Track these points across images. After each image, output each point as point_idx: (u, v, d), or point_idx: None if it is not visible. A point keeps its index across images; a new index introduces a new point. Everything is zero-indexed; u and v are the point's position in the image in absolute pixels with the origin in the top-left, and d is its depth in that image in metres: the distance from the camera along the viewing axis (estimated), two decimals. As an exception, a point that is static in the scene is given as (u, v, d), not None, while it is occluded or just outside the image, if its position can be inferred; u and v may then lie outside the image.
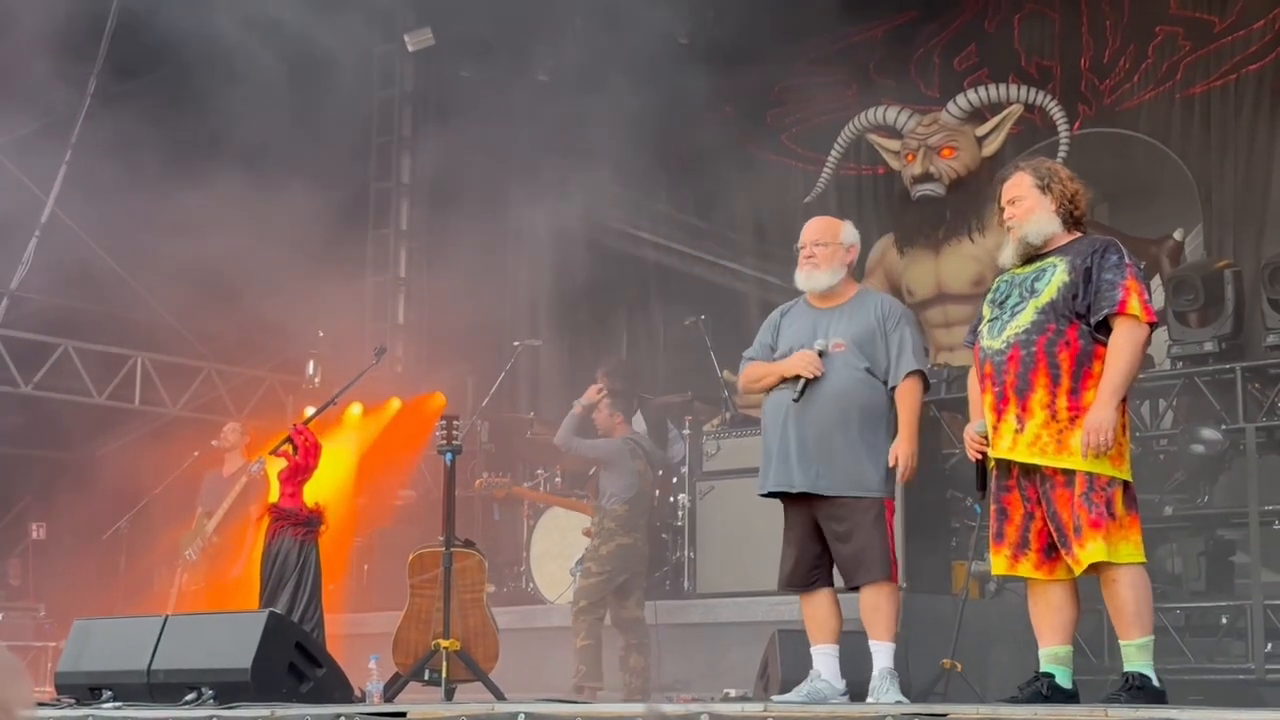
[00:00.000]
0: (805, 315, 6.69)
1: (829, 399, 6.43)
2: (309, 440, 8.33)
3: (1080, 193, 5.77)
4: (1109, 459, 5.36)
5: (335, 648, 7.63)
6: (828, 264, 6.67)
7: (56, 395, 12.95)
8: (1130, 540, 5.38)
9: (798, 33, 13.14)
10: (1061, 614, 5.60)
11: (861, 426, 6.41)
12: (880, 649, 6.36)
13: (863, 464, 6.38)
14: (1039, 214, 5.73)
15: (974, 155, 13.01)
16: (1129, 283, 5.45)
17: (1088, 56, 12.46)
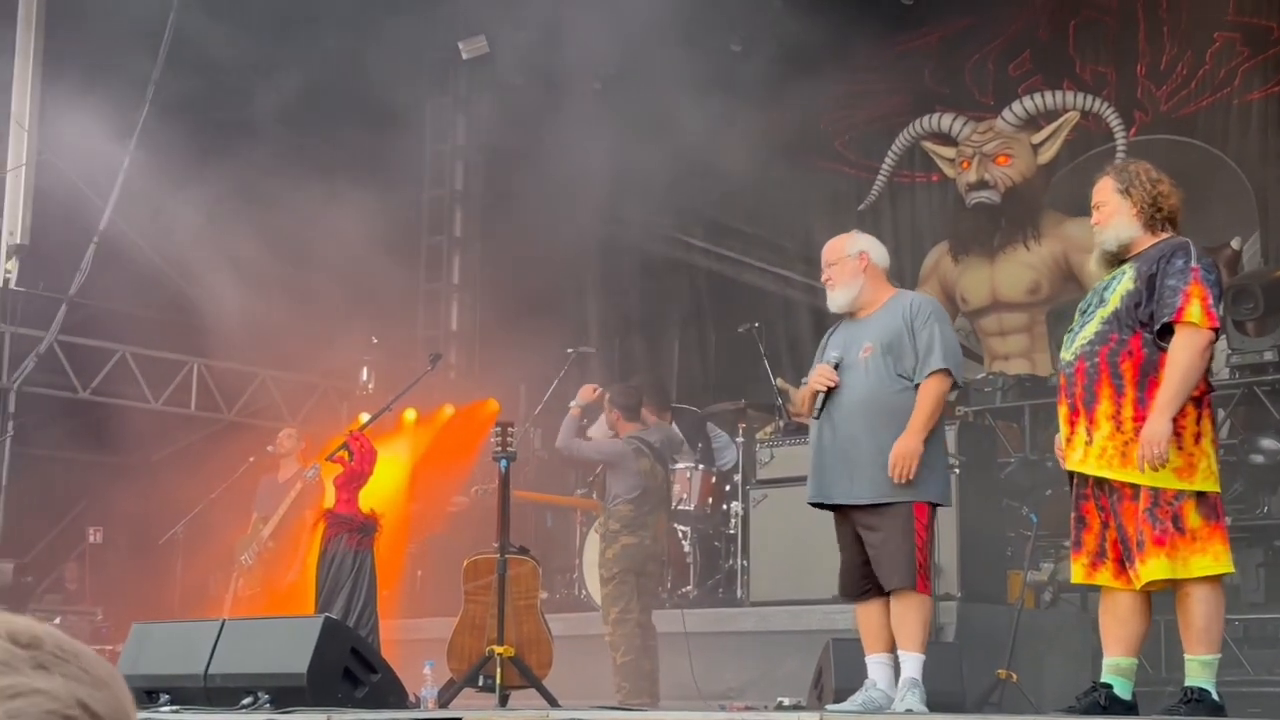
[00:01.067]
0: (846, 330, 6.72)
1: (855, 406, 6.47)
2: (364, 446, 8.37)
3: (1166, 193, 5.63)
4: (1173, 472, 5.27)
5: (390, 653, 7.65)
6: (841, 281, 6.68)
7: (114, 400, 13.05)
8: (1207, 553, 5.29)
9: (851, 40, 13.10)
10: (1128, 626, 5.55)
11: (892, 431, 6.39)
12: (905, 659, 6.32)
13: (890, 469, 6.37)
14: (1118, 219, 5.64)
15: (1029, 162, 12.95)
16: (1190, 288, 5.35)
17: (1144, 63, 12.39)
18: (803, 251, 13.98)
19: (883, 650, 6.43)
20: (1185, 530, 5.28)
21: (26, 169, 12.57)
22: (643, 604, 9.45)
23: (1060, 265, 12.64)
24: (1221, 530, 5.37)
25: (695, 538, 11.09)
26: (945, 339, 6.45)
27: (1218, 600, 5.38)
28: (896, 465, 6.18)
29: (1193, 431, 5.34)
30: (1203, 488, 5.34)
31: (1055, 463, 10.13)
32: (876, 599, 6.44)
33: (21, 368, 12.63)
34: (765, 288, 14.14)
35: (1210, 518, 5.34)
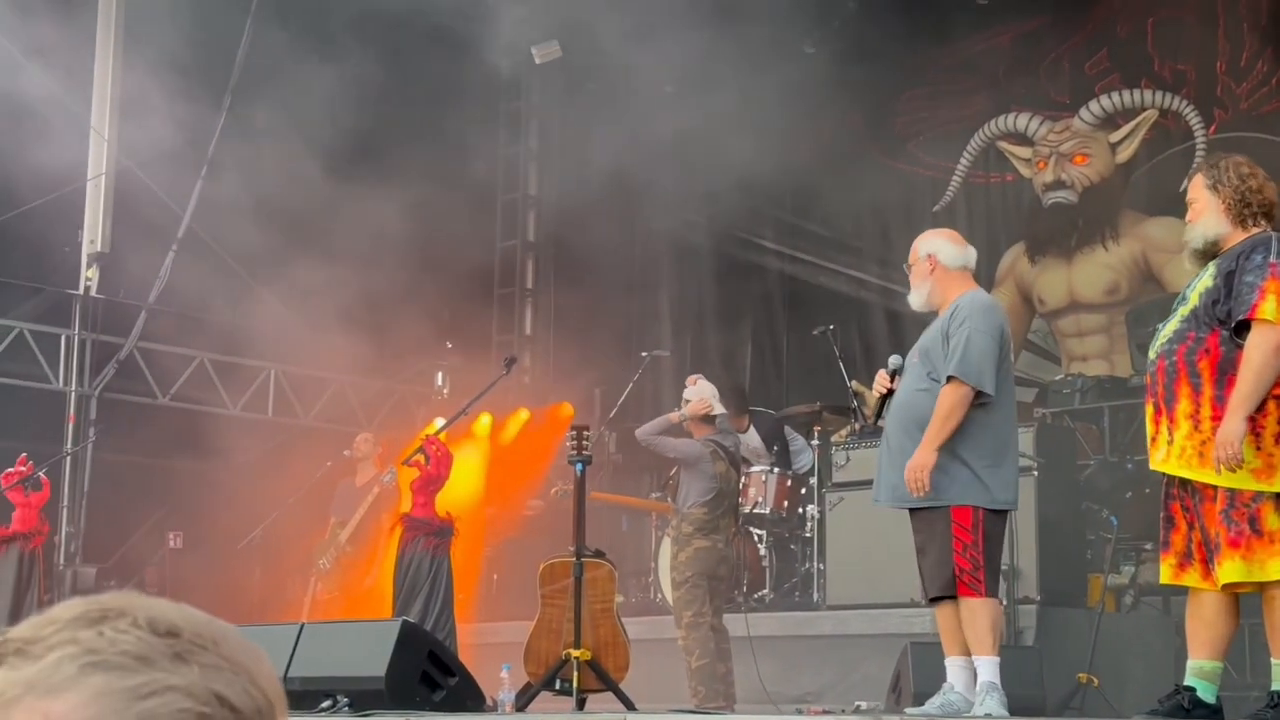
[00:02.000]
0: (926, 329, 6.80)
1: (894, 410, 6.57)
2: (441, 451, 8.40)
3: (1256, 188, 5.49)
4: (1251, 473, 5.19)
5: (466, 657, 7.68)
6: (914, 283, 6.72)
7: (193, 406, 13.17)
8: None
9: (925, 41, 13.04)
10: (1214, 628, 5.46)
11: (916, 437, 6.38)
12: (979, 663, 6.28)
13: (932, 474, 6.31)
14: (1206, 216, 5.53)
15: (1107, 162, 12.82)
16: (1268, 284, 5.24)
17: (1224, 59, 12.23)
18: (877, 253, 13.91)
19: (960, 653, 6.38)
20: (1263, 532, 5.19)
21: (106, 178, 12.72)
22: (715, 607, 9.39)
23: (1139, 265, 12.50)
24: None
25: (771, 541, 11.05)
26: (973, 345, 6.28)
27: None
28: (909, 479, 6.24)
29: (1273, 431, 5.24)
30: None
31: (1135, 465, 10.10)
32: (951, 601, 6.39)
33: (102, 374, 12.78)
34: (839, 290, 14.09)
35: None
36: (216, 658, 1.05)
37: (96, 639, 1.03)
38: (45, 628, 1.05)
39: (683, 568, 9.32)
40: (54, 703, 1.00)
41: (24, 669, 1.02)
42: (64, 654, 1.02)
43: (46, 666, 1.02)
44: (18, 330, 12.43)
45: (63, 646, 1.03)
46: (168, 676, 1.02)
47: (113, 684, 1.01)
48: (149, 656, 1.03)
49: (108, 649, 1.03)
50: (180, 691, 1.02)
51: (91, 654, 1.02)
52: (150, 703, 1.01)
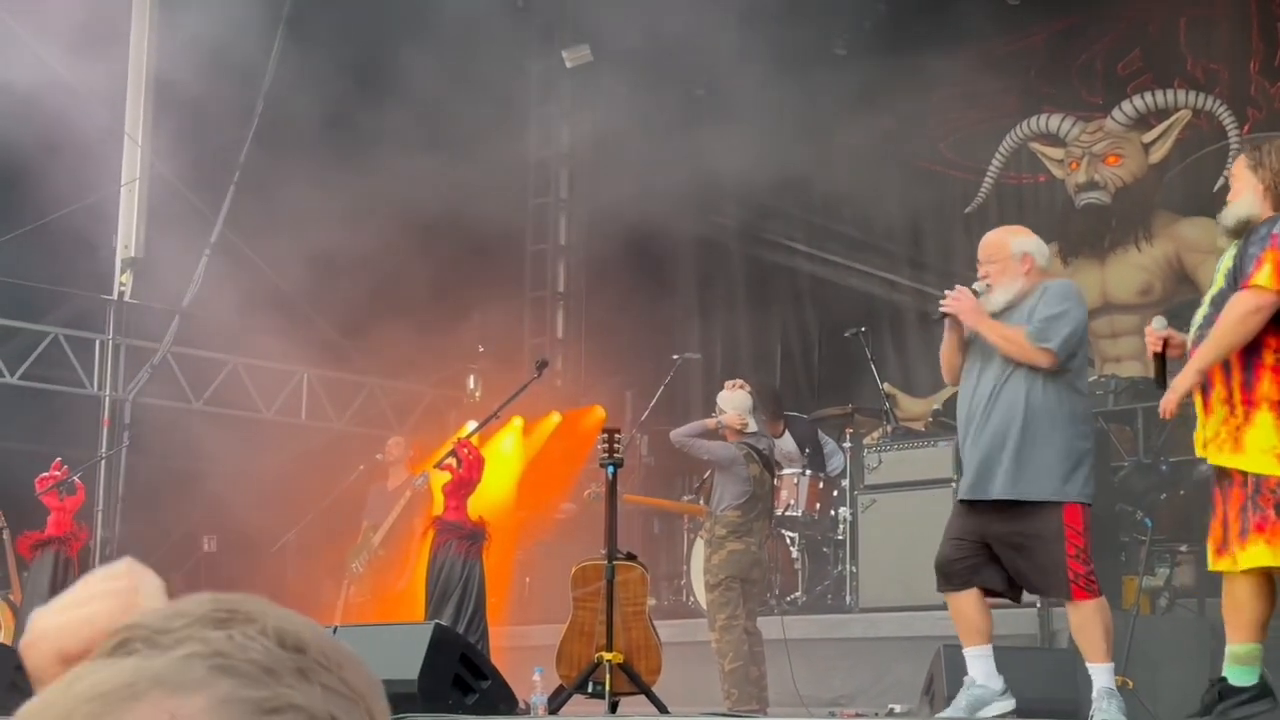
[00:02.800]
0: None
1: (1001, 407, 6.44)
2: (472, 454, 8.42)
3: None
4: (1275, 458, 5.16)
5: (499, 659, 7.69)
6: (1002, 281, 6.49)
7: (226, 411, 13.23)
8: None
9: (956, 42, 13.00)
10: (1244, 612, 5.41)
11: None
12: (1096, 670, 6.29)
13: None
14: (1243, 196, 5.46)
15: (1140, 162, 12.76)
16: (1266, 253, 5.20)
17: (1257, 59, 12.16)
18: (909, 255, 13.88)
19: (980, 642, 6.35)
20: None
21: (140, 183, 12.79)
22: (749, 610, 9.38)
23: (1173, 266, 12.44)
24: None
25: (803, 544, 11.04)
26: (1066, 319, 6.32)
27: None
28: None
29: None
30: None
31: (1170, 467, 10.05)
32: (968, 590, 6.37)
33: (136, 379, 12.84)
34: (871, 291, 14.06)
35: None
36: (339, 680, 1.04)
37: (226, 642, 1.02)
38: (174, 620, 1.04)
39: (716, 570, 9.31)
40: (181, 702, 0.99)
41: (153, 661, 1.01)
42: (192, 651, 1.01)
43: (175, 662, 1.00)
44: (52, 335, 12.50)
45: (190, 643, 1.01)
46: (291, 693, 1.01)
47: (239, 692, 1.00)
48: (275, 670, 1.01)
49: (237, 654, 1.01)
50: (303, 712, 1.01)
51: (220, 657, 1.01)
52: (273, 718, 1.00)
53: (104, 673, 1.00)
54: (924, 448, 10.13)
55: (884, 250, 14.13)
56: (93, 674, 1.00)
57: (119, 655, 1.02)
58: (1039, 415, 6.34)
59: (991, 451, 6.30)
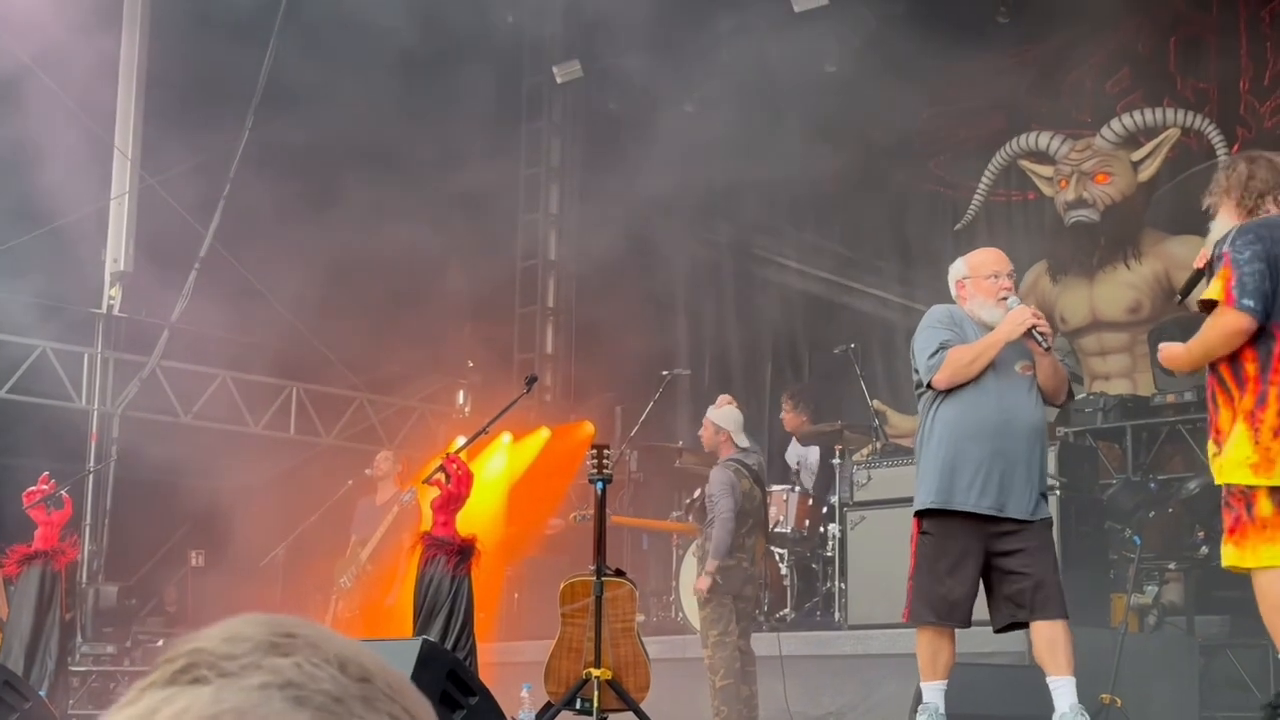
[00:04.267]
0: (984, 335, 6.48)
1: (1023, 428, 6.41)
2: (461, 469, 8.38)
3: (1254, 174, 5.50)
4: (1250, 467, 5.21)
5: (487, 676, 7.66)
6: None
7: (215, 425, 13.21)
8: (1277, 542, 5.18)
9: (946, 59, 13.02)
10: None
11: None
12: (1069, 684, 6.25)
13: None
14: (1220, 214, 5.57)
15: (1129, 180, 12.79)
16: (1222, 270, 5.29)
17: (1246, 78, 12.20)
18: (898, 272, 13.90)
19: (942, 677, 6.38)
20: (1256, 518, 5.21)
21: (129, 197, 12.78)
22: (742, 629, 9.36)
23: (1162, 284, 12.46)
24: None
25: (792, 560, 11.02)
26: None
27: (1274, 589, 5.23)
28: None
29: (1272, 425, 5.22)
30: (1276, 482, 5.21)
31: (1158, 484, 10.07)
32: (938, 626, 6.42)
33: (125, 393, 12.83)
34: (860, 308, 14.07)
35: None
36: (401, 709, 1.03)
37: (295, 671, 1.01)
38: (237, 644, 1.02)
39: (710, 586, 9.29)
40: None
41: (230, 692, 0.99)
42: (265, 681, 0.99)
43: (253, 694, 0.99)
44: (41, 349, 12.47)
45: (260, 672, 0.99)
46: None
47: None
48: (344, 699, 1.00)
49: (309, 685, 1.00)
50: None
51: (293, 688, 0.99)
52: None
53: (181, 702, 0.99)
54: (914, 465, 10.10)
55: (874, 267, 14.14)
56: (170, 705, 0.99)
57: (188, 683, 1.01)
58: (1044, 433, 6.48)
59: (1020, 469, 6.28)
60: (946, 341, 6.38)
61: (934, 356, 6.39)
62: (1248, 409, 5.25)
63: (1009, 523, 6.25)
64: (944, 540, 6.33)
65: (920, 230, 13.82)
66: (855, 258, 14.28)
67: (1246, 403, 5.25)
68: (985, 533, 6.27)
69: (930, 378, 6.37)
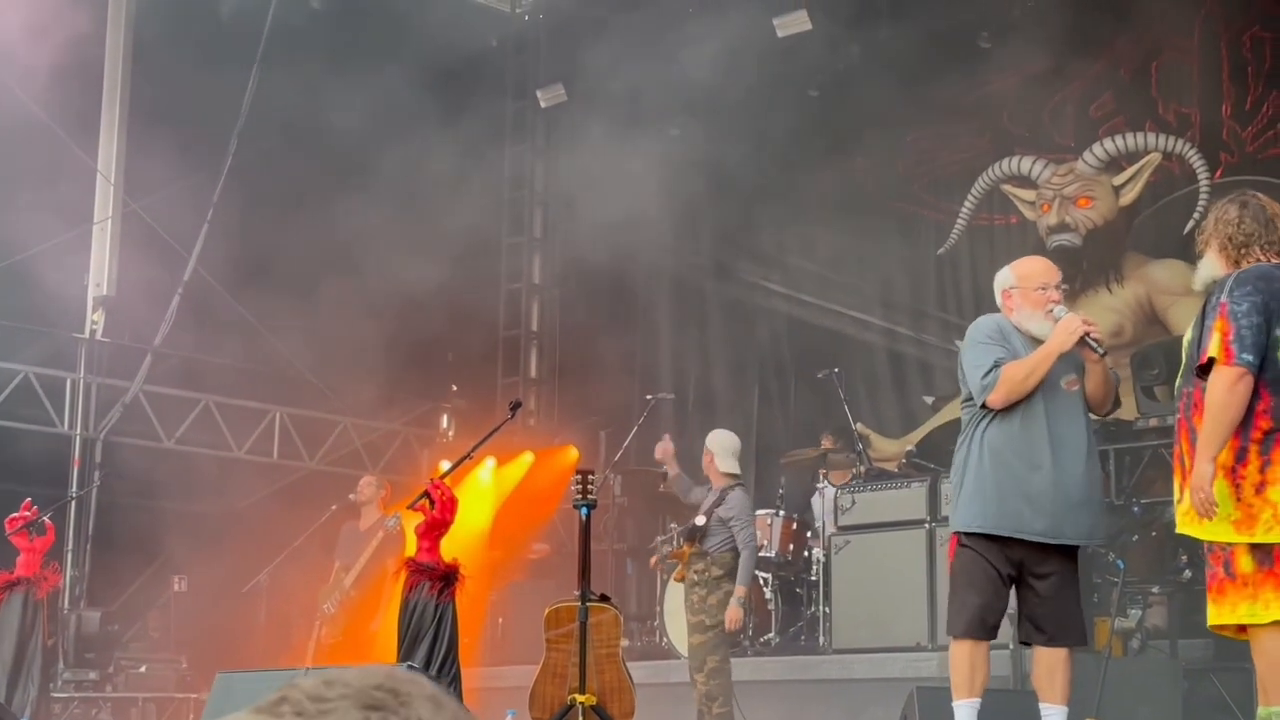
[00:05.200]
0: (1031, 347, 6.30)
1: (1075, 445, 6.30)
2: (445, 495, 8.37)
3: (1242, 219, 5.47)
4: (1231, 524, 5.16)
5: (471, 701, 7.65)
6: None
7: (198, 450, 13.18)
8: (1259, 599, 5.15)
9: (928, 84, 13.07)
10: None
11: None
12: (1062, 714, 6.22)
13: None
14: (1207, 255, 5.54)
15: (1111, 205, 12.83)
16: (1216, 323, 5.24)
17: (1229, 103, 12.25)
18: (882, 295, 13.92)
19: (976, 695, 6.26)
20: (1236, 575, 5.18)
21: (112, 221, 12.77)
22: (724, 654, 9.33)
23: (1144, 308, 12.50)
24: (1276, 576, 5.15)
25: (776, 585, 11.02)
26: None
27: (1271, 648, 5.20)
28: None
29: (1254, 482, 5.17)
30: (1265, 540, 5.15)
31: (1142, 508, 10.08)
32: (975, 639, 6.29)
33: (108, 418, 12.79)
34: (844, 332, 14.08)
35: (1264, 563, 5.16)
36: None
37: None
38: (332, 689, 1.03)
39: (714, 611, 9.18)
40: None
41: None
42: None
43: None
44: (23, 374, 12.44)
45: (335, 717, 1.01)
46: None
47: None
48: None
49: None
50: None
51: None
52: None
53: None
54: (898, 489, 10.13)
55: (857, 290, 14.16)
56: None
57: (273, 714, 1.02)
58: (1095, 450, 6.42)
59: (1075, 490, 6.18)
60: (1000, 359, 6.18)
61: (988, 375, 6.16)
62: (1227, 465, 5.22)
63: (1048, 546, 6.18)
64: (985, 558, 6.20)
65: (903, 254, 13.85)
66: (839, 281, 14.30)
67: (1225, 458, 5.21)
68: (1023, 551, 6.18)
69: (985, 398, 6.17)
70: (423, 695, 1.07)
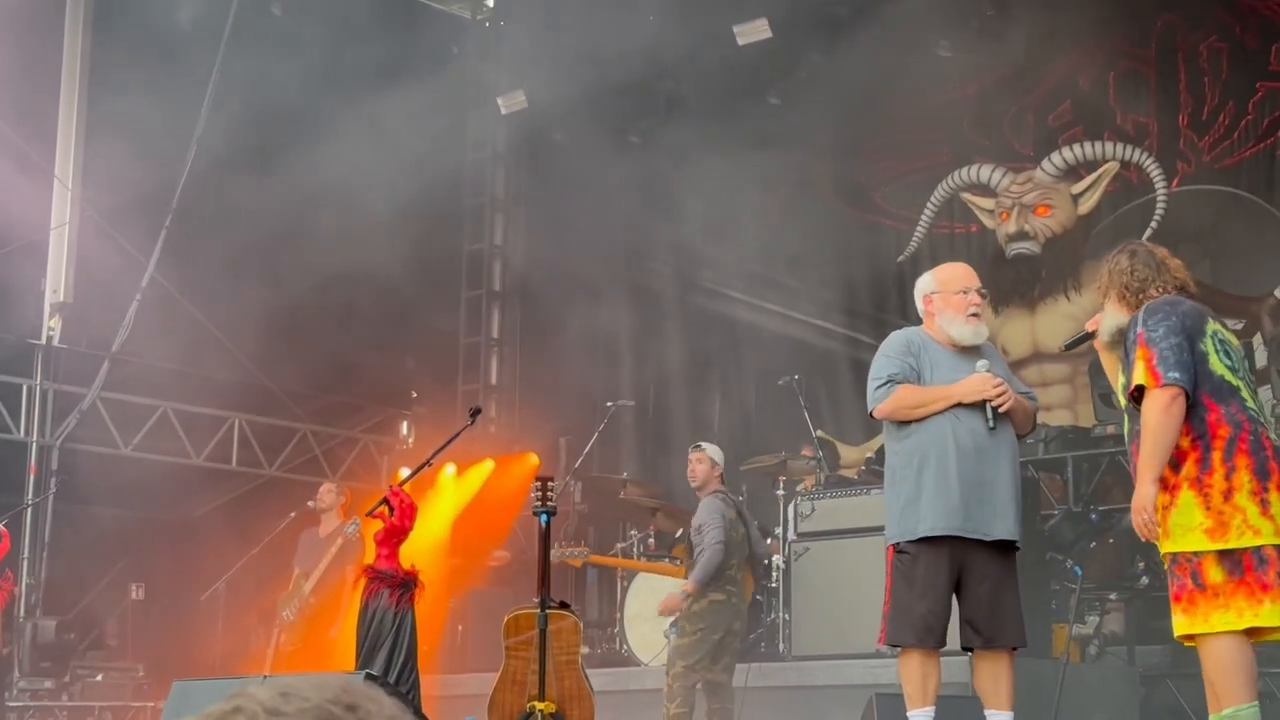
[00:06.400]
0: (947, 357, 6.44)
1: (1007, 450, 6.36)
2: (405, 502, 8.35)
3: (1134, 268, 5.64)
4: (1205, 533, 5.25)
5: (430, 709, 7.63)
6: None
7: (155, 457, 13.10)
8: (1231, 608, 5.23)
9: (889, 92, 13.13)
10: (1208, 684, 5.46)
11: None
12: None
13: None
14: (1107, 307, 5.74)
15: (1069, 213, 12.91)
16: (1137, 352, 5.39)
17: (1186, 113, 12.34)
18: (843, 303, 13.96)
19: (930, 704, 6.31)
20: (1205, 586, 5.25)
21: (69, 227, 12.68)
22: (725, 663, 9.27)
23: (1102, 316, 12.57)
24: (1247, 585, 5.24)
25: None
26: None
27: (1222, 653, 5.26)
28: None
29: (1221, 489, 5.27)
30: (1238, 544, 5.24)
31: (1099, 515, 10.13)
32: (924, 650, 6.31)
33: (64, 424, 12.70)
34: (805, 339, 14.11)
35: (1234, 572, 5.24)
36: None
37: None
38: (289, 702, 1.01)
39: (697, 618, 9.16)
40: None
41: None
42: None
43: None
44: (-21, 380, 12.35)
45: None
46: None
47: None
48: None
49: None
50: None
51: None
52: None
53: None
54: (857, 495, 10.15)
55: (818, 298, 14.20)
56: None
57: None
58: (1016, 453, 6.48)
59: (992, 490, 6.25)
60: (895, 375, 6.33)
61: (881, 388, 6.35)
62: (1192, 476, 5.31)
63: (981, 545, 6.24)
64: (921, 562, 6.27)
65: (864, 262, 13.90)
66: (800, 289, 14.33)
67: (1189, 470, 5.30)
68: (959, 553, 6.24)
69: (873, 408, 6.37)
70: (382, 714, 1.05)
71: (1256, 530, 5.23)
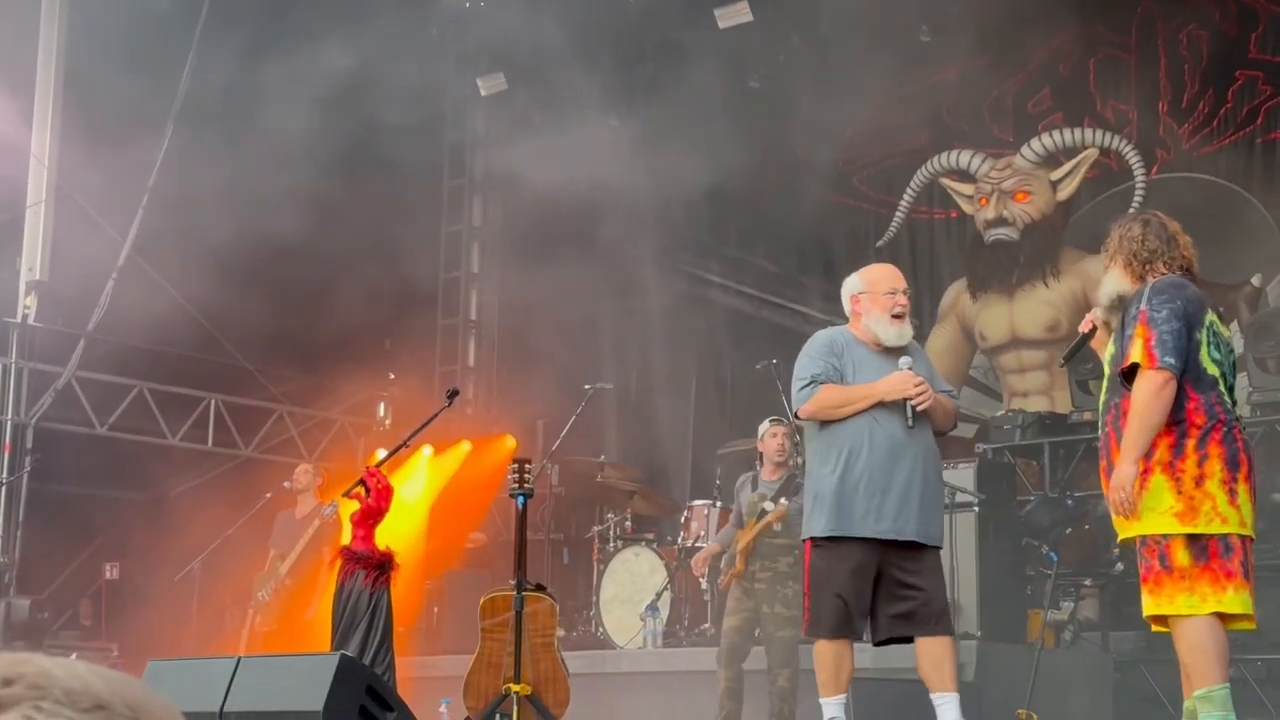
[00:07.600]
0: (871, 358, 6.57)
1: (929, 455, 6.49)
2: (381, 483, 8.32)
3: (1145, 237, 5.63)
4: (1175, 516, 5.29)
5: (406, 691, 7.61)
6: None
7: (131, 436, 13.05)
8: (1195, 592, 5.28)
9: (869, 77, 13.11)
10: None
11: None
12: (953, 701, 6.31)
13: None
14: (1110, 272, 5.74)
15: (1048, 199, 12.92)
16: (1136, 330, 5.40)
17: (1166, 101, 12.36)
18: (821, 288, 13.95)
19: (842, 692, 6.43)
20: (1173, 568, 5.30)
21: (45, 205, 12.61)
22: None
23: (1079, 302, 12.58)
24: (1214, 569, 5.29)
25: (713, 575, 11.02)
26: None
27: (1196, 635, 5.31)
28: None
29: (1193, 475, 5.31)
30: (1205, 530, 5.29)
31: (1076, 501, 10.14)
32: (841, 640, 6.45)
33: (39, 403, 12.65)
34: (783, 324, 14.10)
35: (1200, 557, 5.30)
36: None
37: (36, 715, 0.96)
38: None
39: (791, 603, 8.92)
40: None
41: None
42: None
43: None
44: (-47, 358, 12.29)
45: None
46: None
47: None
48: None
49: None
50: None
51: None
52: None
53: None
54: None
55: (797, 283, 14.20)
56: None
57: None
58: (937, 453, 6.57)
59: (910, 490, 6.37)
60: (818, 375, 6.48)
61: (805, 388, 6.51)
62: (1164, 460, 5.34)
63: (903, 544, 6.34)
64: (838, 559, 6.38)
65: (843, 247, 13.89)
66: (779, 273, 14.32)
67: (1162, 455, 5.34)
68: (879, 551, 6.35)
69: (797, 408, 6.55)
70: (33, 665, 1.00)
71: (1224, 519, 5.29)
